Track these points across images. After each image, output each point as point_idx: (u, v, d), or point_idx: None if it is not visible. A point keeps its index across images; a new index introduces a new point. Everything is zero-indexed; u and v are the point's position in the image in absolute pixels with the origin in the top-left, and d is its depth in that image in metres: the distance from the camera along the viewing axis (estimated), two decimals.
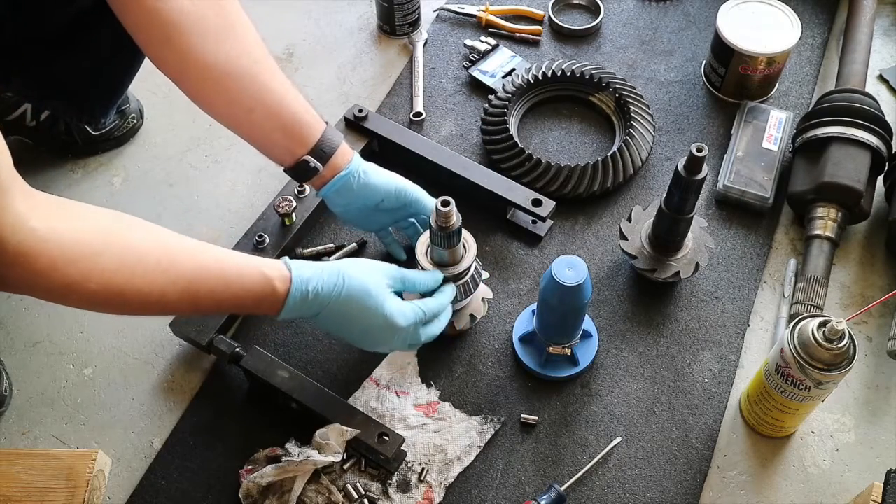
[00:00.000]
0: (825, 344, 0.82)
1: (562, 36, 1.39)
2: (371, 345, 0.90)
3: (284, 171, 0.99)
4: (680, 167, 0.94)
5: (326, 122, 0.98)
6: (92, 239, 0.71)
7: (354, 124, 1.20)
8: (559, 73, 1.27)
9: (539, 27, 1.39)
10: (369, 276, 0.87)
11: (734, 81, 1.26)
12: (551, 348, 0.99)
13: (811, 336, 0.83)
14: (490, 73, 1.32)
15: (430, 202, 1.02)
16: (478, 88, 1.31)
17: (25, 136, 1.21)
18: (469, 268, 0.96)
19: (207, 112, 0.94)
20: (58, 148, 1.23)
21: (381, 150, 1.22)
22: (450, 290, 0.94)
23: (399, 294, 0.91)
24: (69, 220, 0.70)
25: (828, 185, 1.09)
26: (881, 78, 1.33)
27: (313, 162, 0.95)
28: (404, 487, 0.94)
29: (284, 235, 1.10)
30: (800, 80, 1.32)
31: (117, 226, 0.75)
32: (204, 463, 0.97)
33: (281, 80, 0.93)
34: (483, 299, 1.04)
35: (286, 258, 0.86)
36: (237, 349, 0.99)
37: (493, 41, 1.35)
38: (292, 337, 1.06)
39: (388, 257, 1.12)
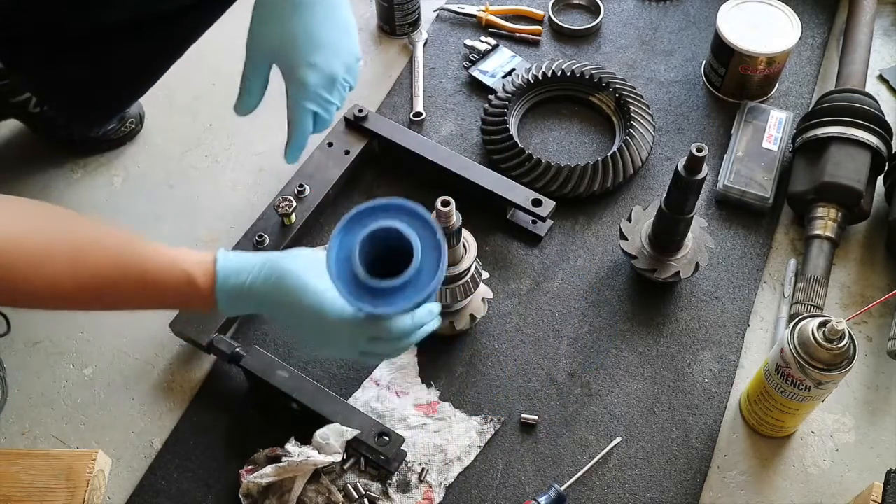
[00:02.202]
0: (825, 344, 0.82)
1: (562, 36, 1.39)
2: (315, 346, 0.81)
3: None
4: (680, 167, 0.94)
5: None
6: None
7: (354, 124, 1.20)
8: (559, 73, 1.27)
9: (539, 27, 1.39)
10: (308, 272, 0.77)
11: (734, 81, 1.26)
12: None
13: (811, 336, 0.83)
14: (490, 73, 1.32)
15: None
16: (478, 88, 1.31)
17: (25, 121, 1.21)
18: (469, 268, 0.96)
19: None
20: (54, 141, 1.23)
21: (381, 150, 1.22)
22: (406, 321, 0.77)
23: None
24: None
25: (828, 185, 1.09)
26: (881, 78, 1.33)
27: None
28: (404, 487, 0.94)
29: (284, 235, 1.10)
30: (800, 80, 1.32)
31: (26, 226, 0.69)
32: (204, 463, 0.97)
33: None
34: (483, 299, 1.04)
35: (222, 250, 0.78)
36: (237, 349, 0.99)
37: (493, 41, 1.35)
38: (292, 337, 1.06)
39: None
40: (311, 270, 0.77)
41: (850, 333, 0.83)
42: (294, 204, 1.10)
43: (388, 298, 0.71)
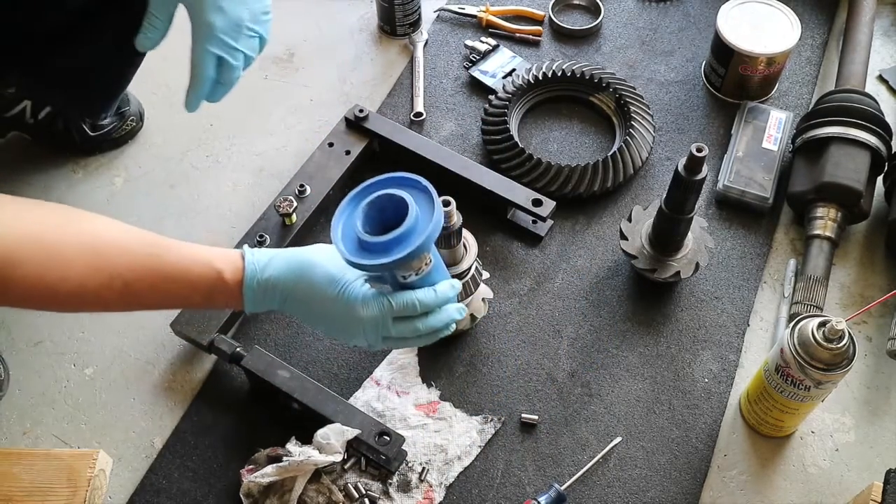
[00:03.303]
0: (825, 344, 0.83)
1: (562, 36, 1.39)
2: (340, 336, 0.81)
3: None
4: (680, 167, 0.95)
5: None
6: (16, 237, 0.67)
7: (355, 124, 1.20)
8: (559, 74, 1.27)
9: (539, 27, 1.39)
10: (332, 262, 0.79)
11: (734, 81, 1.26)
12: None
13: (811, 336, 0.83)
14: (490, 73, 1.32)
15: None
16: (478, 89, 1.31)
17: (25, 132, 1.22)
18: (469, 268, 0.97)
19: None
20: (56, 146, 1.23)
21: (381, 150, 1.22)
22: (430, 293, 0.79)
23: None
24: None
25: (828, 185, 1.09)
26: (881, 78, 1.33)
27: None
28: (405, 487, 0.94)
29: (285, 235, 1.10)
30: (800, 80, 1.32)
31: (46, 223, 0.71)
32: (205, 462, 0.97)
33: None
34: (483, 299, 1.05)
35: (246, 247, 0.81)
36: (238, 349, 0.99)
37: (493, 41, 1.35)
38: (293, 337, 1.07)
39: None
40: (334, 262, 0.79)
41: (849, 333, 0.83)
42: (295, 204, 1.10)
43: (389, 251, 0.73)
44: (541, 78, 1.27)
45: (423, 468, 0.95)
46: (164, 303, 0.79)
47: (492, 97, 1.26)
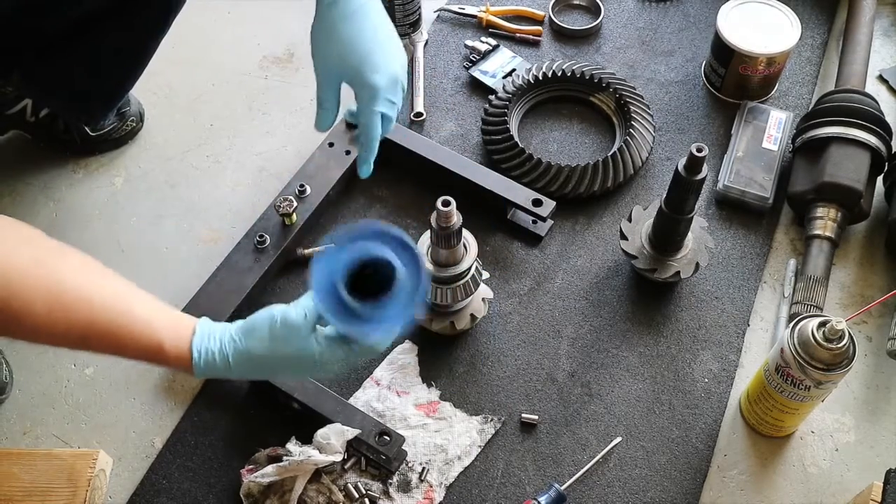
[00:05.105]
0: (825, 344, 0.83)
1: (562, 36, 1.39)
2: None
3: None
4: (680, 167, 0.95)
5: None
6: None
7: (355, 125, 1.20)
8: (559, 74, 1.27)
9: (539, 27, 1.39)
10: (279, 321, 0.76)
11: (734, 81, 1.26)
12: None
13: (811, 336, 0.83)
14: (490, 73, 1.32)
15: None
16: (478, 89, 1.31)
17: (25, 131, 1.22)
18: (469, 268, 0.97)
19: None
20: (56, 145, 1.24)
21: (381, 151, 1.21)
22: (381, 334, 0.75)
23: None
24: None
25: (828, 185, 1.09)
26: (881, 78, 1.33)
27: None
28: (405, 487, 0.94)
29: (285, 235, 1.10)
30: (800, 80, 1.32)
31: (17, 258, 0.69)
32: (205, 462, 0.97)
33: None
34: (483, 299, 1.05)
35: (200, 322, 0.77)
36: None
37: (493, 41, 1.35)
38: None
39: None
40: (282, 321, 0.76)
41: (849, 333, 0.83)
42: (295, 204, 1.10)
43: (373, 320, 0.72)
44: (541, 78, 1.27)
45: (423, 468, 0.95)
46: (119, 356, 0.78)
47: (492, 97, 1.26)
